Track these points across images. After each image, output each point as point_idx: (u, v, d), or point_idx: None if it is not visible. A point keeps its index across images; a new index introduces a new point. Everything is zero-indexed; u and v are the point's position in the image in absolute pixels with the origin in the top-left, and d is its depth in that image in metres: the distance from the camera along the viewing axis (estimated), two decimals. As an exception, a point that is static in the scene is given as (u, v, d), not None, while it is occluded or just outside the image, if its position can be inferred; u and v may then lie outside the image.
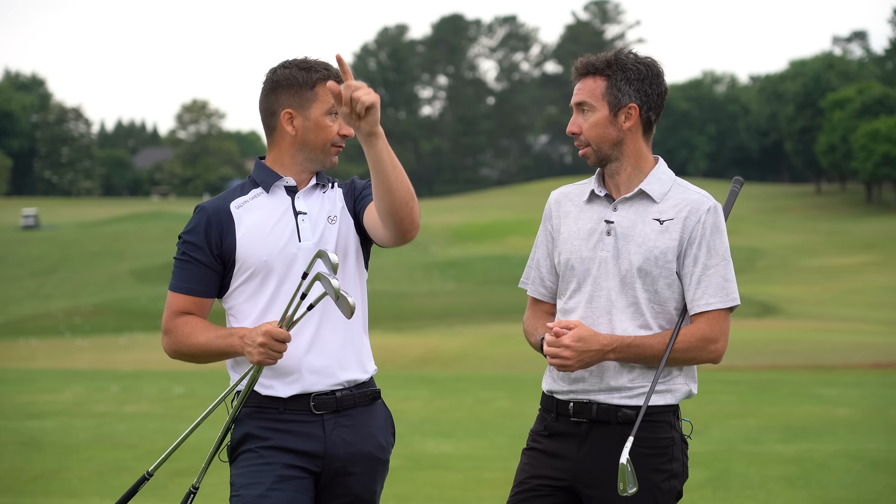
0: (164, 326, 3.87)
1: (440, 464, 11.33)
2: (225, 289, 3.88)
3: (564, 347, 3.73)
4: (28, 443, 12.51)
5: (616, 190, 3.91)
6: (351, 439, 3.85)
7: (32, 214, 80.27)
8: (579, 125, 3.89)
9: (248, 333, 3.72)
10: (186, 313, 3.85)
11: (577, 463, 3.85)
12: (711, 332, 3.79)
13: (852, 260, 58.58)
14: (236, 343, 3.75)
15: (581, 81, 3.88)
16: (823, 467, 10.90)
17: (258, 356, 3.68)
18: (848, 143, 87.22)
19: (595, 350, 3.75)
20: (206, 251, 3.82)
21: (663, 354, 3.76)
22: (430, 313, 38.26)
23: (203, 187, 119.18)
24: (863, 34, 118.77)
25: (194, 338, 3.81)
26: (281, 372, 3.82)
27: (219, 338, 3.79)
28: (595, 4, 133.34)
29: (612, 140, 3.86)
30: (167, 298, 3.89)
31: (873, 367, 22.93)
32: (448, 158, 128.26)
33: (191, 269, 3.83)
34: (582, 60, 3.88)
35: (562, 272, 3.93)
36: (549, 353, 3.77)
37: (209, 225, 3.82)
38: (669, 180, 3.89)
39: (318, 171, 3.94)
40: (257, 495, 3.75)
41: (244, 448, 3.84)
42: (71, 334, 38.93)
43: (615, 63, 3.83)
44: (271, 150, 3.93)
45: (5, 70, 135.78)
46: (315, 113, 3.85)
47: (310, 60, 3.90)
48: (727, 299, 3.80)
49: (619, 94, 3.82)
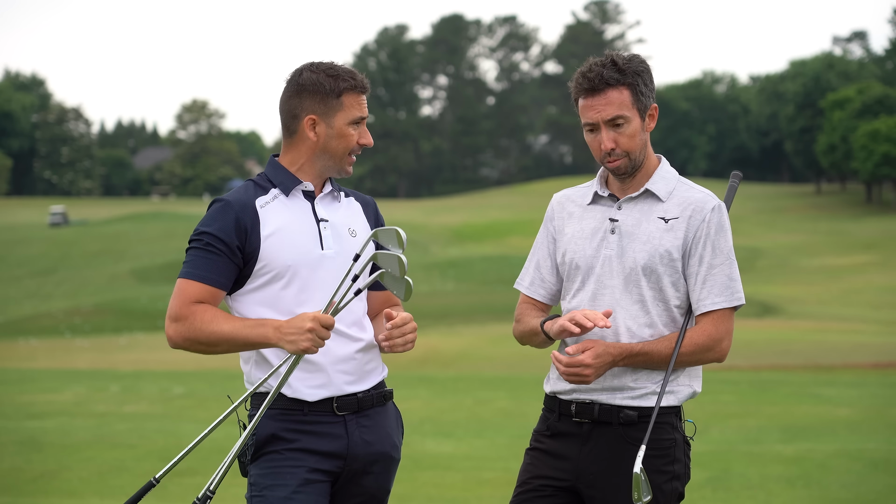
0: (175, 313, 3.73)
1: (440, 464, 11.34)
2: (237, 287, 3.82)
3: (585, 366, 3.73)
4: (28, 443, 12.51)
5: (621, 190, 3.90)
6: (370, 439, 3.86)
7: (60, 212, 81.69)
8: (614, 139, 3.81)
9: (287, 323, 3.64)
10: (201, 302, 3.75)
11: (578, 463, 3.85)
12: (717, 332, 3.79)
13: (852, 260, 58.57)
14: (270, 333, 3.65)
15: (601, 96, 3.79)
16: (823, 467, 10.90)
17: (306, 343, 3.59)
18: (848, 143, 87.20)
19: (609, 363, 3.76)
20: (230, 244, 3.75)
21: (670, 359, 3.76)
22: (430, 313, 38.18)
23: (203, 187, 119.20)
24: (863, 34, 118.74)
25: (216, 325, 3.69)
26: (310, 373, 3.81)
27: (247, 327, 3.68)
28: (595, 4, 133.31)
29: (643, 146, 3.85)
30: (178, 286, 3.76)
31: (873, 367, 22.92)
32: (448, 158, 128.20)
33: (213, 259, 3.74)
34: (589, 77, 3.79)
35: (566, 272, 3.93)
36: (571, 373, 3.75)
37: (236, 219, 3.76)
38: (674, 179, 3.89)
39: (333, 177, 3.94)
40: (283, 497, 3.74)
41: (269, 449, 3.80)
42: (71, 334, 38.93)
43: (628, 69, 3.78)
44: (288, 152, 3.90)
45: (5, 70, 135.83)
46: (339, 122, 3.83)
47: (337, 67, 3.86)
48: (732, 298, 3.80)
49: (643, 98, 3.81)
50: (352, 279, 3.64)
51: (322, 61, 3.89)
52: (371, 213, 4.01)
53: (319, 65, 3.87)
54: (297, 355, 3.65)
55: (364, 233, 3.93)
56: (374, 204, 4.06)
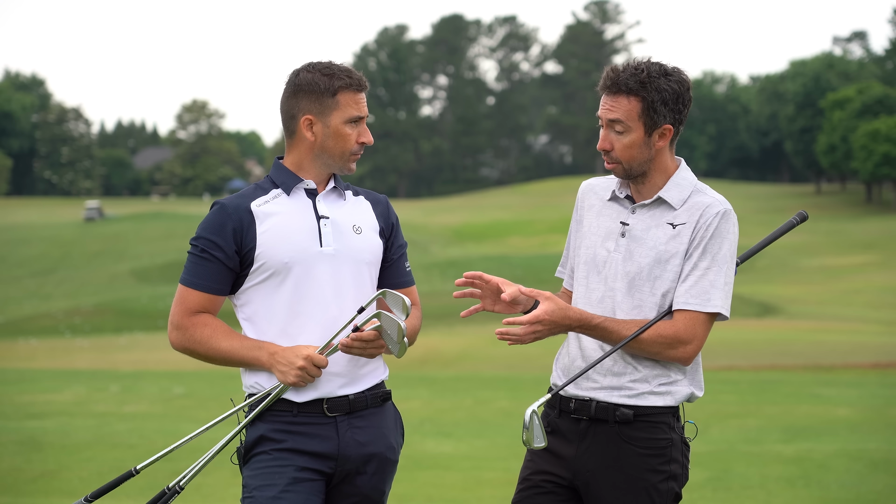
0: (175, 321, 3.82)
1: (440, 464, 11.34)
2: (238, 286, 3.85)
3: (539, 322, 3.72)
4: (28, 443, 12.50)
5: (638, 193, 3.90)
6: (364, 440, 3.85)
7: (95, 207, 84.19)
8: (611, 142, 3.81)
9: (282, 352, 3.74)
10: (201, 310, 3.81)
11: (575, 461, 3.86)
12: (685, 333, 3.76)
13: (852, 260, 58.56)
14: (264, 358, 3.76)
15: (613, 98, 3.79)
16: (823, 467, 10.89)
17: (294, 378, 3.72)
18: (848, 143, 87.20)
19: (564, 325, 3.74)
20: (225, 249, 3.78)
21: (625, 339, 3.74)
22: (430, 313, 38.10)
23: (203, 187, 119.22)
24: (863, 34, 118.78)
25: (215, 342, 3.79)
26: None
27: (245, 349, 3.78)
28: (595, 4, 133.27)
29: (644, 159, 3.82)
30: (179, 292, 3.84)
31: (873, 367, 22.90)
32: (448, 158, 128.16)
33: (208, 266, 3.79)
34: (612, 76, 3.78)
35: (576, 264, 3.95)
36: (527, 332, 3.73)
37: (231, 222, 3.79)
38: (689, 186, 3.87)
39: (336, 174, 3.95)
40: (271, 497, 3.75)
41: (258, 450, 3.83)
42: (71, 334, 38.93)
43: (649, 84, 3.75)
44: (290, 152, 3.91)
45: (5, 70, 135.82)
46: (335, 121, 3.84)
47: (333, 66, 3.86)
48: (706, 304, 3.75)
49: (655, 115, 3.77)
50: (352, 329, 3.72)
51: (320, 61, 3.88)
52: (381, 212, 3.99)
53: (317, 64, 3.87)
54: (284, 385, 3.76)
55: (371, 230, 3.93)
56: (385, 202, 4.04)
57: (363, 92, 3.88)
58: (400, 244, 4.02)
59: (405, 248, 4.04)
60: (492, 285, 3.87)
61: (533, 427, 3.67)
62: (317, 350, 3.75)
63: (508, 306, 3.87)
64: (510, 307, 3.87)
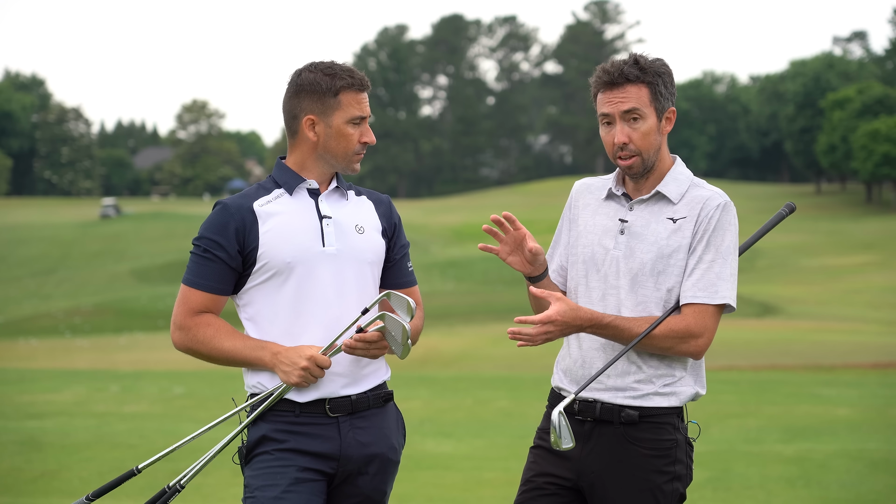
0: (178, 321, 3.82)
1: (440, 464, 11.34)
2: (240, 286, 3.85)
3: (550, 322, 3.70)
4: (28, 443, 12.50)
5: (634, 190, 3.90)
6: (366, 441, 3.85)
7: (112, 204, 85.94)
8: (628, 135, 3.79)
9: (285, 352, 3.74)
10: (203, 311, 3.81)
11: (580, 462, 3.85)
12: (695, 327, 3.76)
13: (852, 260, 58.55)
14: (267, 358, 3.76)
15: (621, 90, 3.78)
16: (823, 467, 10.89)
17: (297, 378, 3.72)
18: (848, 143, 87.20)
19: (575, 326, 3.73)
20: (228, 249, 3.78)
21: (637, 337, 3.73)
22: (430, 313, 38.16)
23: (203, 187, 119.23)
24: (863, 34, 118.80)
25: (217, 342, 3.79)
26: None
27: (247, 349, 3.78)
28: (595, 4, 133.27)
29: (657, 147, 3.83)
30: (181, 292, 3.84)
31: (873, 367, 22.90)
32: (448, 158, 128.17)
33: (211, 266, 3.79)
34: (611, 70, 3.79)
35: (571, 262, 3.94)
36: (539, 333, 3.70)
37: (233, 222, 3.78)
38: (686, 181, 3.88)
39: (339, 174, 3.95)
40: (273, 497, 3.75)
41: (260, 450, 3.82)
42: (71, 334, 38.92)
43: (649, 68, 3.78)
44: (293, 153, 3.91)
45: (5, 70, 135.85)
46: (337, 121, 3.83)
47: (336, 66, 3.85)
48: (714, 296, 3.76)
49: (661, 99, 3.80)
50: (356, 330, 3.72)
51: (323, 61, 3.88)
52: (383, 212, 3.99)
53: (319, 64, 3.86)
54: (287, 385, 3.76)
55: (373, 230, 3.93)
56: (388, 202, 4.04)
57: (365, 92, 3.87)
58: (402, 244, 4.02)
59: (408, 248, 4.04)
60: (519, 234, 3.87)
61: (560, 428, 3.65)
62: (320, 350, 3.75)
63: (523, 261, 3.88)
64: (524, 265, 3.88)
